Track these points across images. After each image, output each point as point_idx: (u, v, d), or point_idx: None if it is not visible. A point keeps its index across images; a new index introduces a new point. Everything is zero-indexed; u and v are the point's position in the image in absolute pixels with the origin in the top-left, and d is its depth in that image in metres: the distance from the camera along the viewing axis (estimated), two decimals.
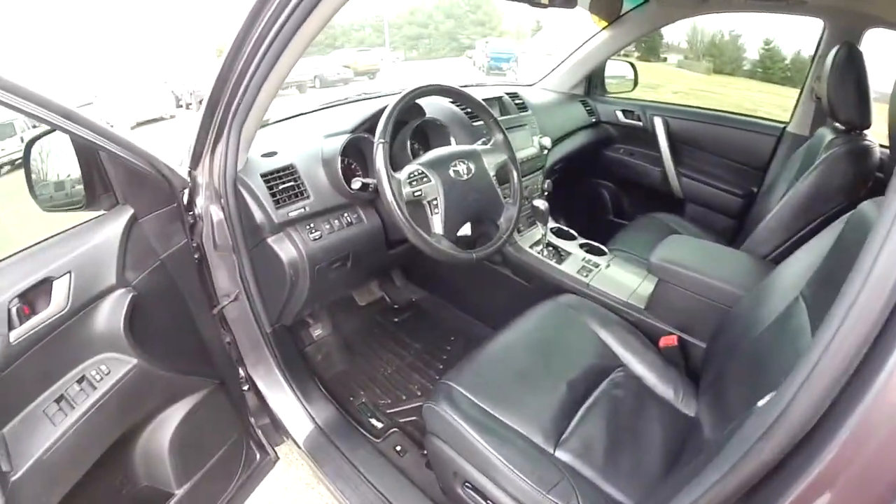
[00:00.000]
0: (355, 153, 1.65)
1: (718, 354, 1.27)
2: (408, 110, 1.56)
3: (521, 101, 2.38)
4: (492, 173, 1.58)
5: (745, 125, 2.50)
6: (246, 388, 1.75)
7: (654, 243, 1.73)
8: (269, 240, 1.48)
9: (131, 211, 1.26)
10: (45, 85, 1.00)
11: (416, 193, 1.39)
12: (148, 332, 1.30)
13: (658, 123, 2.69)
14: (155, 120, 13.31)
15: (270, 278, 1.56)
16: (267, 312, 1.64)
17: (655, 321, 1.64)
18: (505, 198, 1.62)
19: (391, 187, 1.32)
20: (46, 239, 1.17)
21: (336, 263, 1.60)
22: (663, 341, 1.55)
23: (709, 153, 2.63)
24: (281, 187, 1.46)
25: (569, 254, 2.00)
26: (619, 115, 2.86)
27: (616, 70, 2.92)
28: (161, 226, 1.34)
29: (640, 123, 2.78)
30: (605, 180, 3.09)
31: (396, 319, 2.44)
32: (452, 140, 1.79)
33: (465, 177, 1.49)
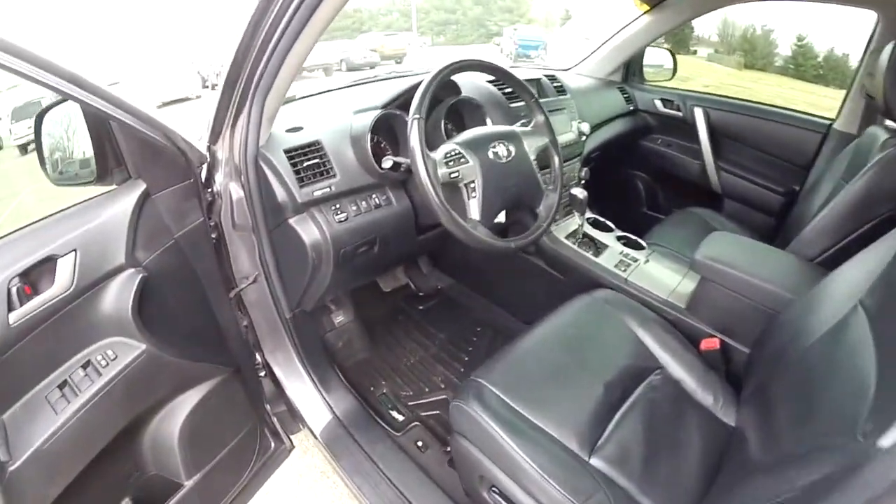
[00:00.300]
0: (386, 131, 1.54)
1: (763, 362, 1.17)
2: (443, 87, 1.43)
3: (559, 84, 2.24)
4: (532, 157, 1.45)
5: (789, 120, 2.33)
6: (262, 374, 1.67)
7: (693, 239, 1.65)
8: (292, 220, 1.38)
9: (143, 186, 1.16)
10: (71, 60, 0.92)
11: (452, 175, 1.26)
12: (159, 315, 1.22)
13: (698, 114, 2.54)
14: (181, 100, 13.20)
15: (291, 261, 1.46)
16: (287, 297, 1.55)
17: (696, 322, 1.52)
18: (545, 184, 1.50)
19: (426, 167, 1.20)
20: (51, 215, 1.09)
21: (362, 248, 1.49)
22: (705, 344, 1.44)
23: (750, 147, 2.48)
24: (305, 164, 1.36)
25: (606, 246, 1.87)
26: (658, 104, 2.71)
27: (653, 58, 2.77)
28: (176, 203, 1.24)
29: (680, 114, 2.63)
30: (640, 171, 2.94)
31: (421, 307, 2.34)
32: (488, 121, 1.66)
33: (505, 159, 1.36)
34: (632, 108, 2.71)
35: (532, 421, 1.14)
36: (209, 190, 1.36)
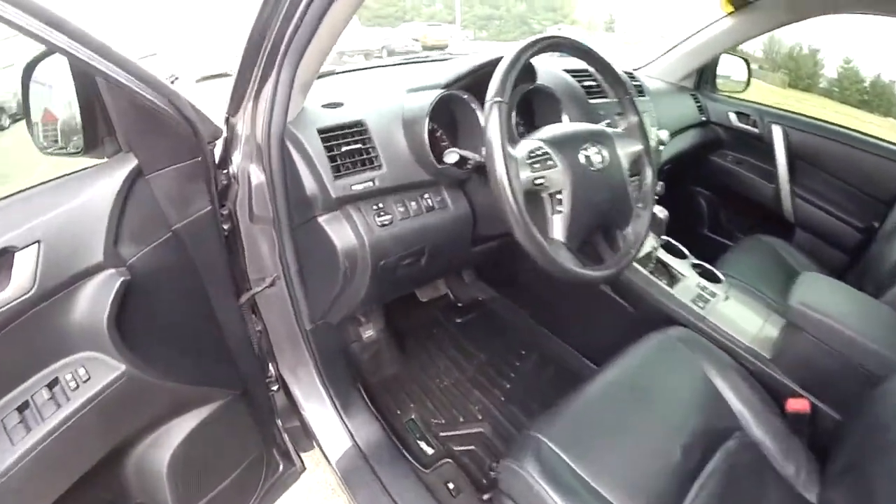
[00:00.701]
0: (443, 117, 1.24)
1: (859, 435, 0.99)
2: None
3: (638, 84, 1.96)
4: (625, 166, 1.15)
5: (876, 149, 2.04)
6: (275, 388, 1.42)
7: (770, 275, 1.59)
8: (321, 218, 1.09)
9: (135, 162, 0.89)
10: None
11: (537, 181, 0.96)
12: (145, 328, 0.97)
13: (777, 133, 2.24)
14: (220, 75, 13.11)
15: (318, 267, 1.19)
16: (309, 306, 1.28)
17: (781, 376, 1.28)
18: (635, 201, 1.20)
19: (507, 168, 0.90)
20: (10, 195, 0.84)
21: (407, 260, 1.20)
22: (792, 404, 1.21)
23: (829, 175, 2.18)
24: (344, 150, 1.07)
25: (682, 276, 1.57)
26: (732, 116, 2.39)
27: (724, 67, 2.47)
28: (178, 185, 0.97)
29: (756, 130, 2.32)
30: (703, 188, 2.64)
31: (459, 320, 2.05)
32: (564, 117, 1.37)
33: (598, 167, 1.07)
34: (704, 118, 2.41)
35: (599, 492, 0.94)
36: (224, 172, 1.10)
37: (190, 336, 1.12)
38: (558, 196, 0.99)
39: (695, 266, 1.61)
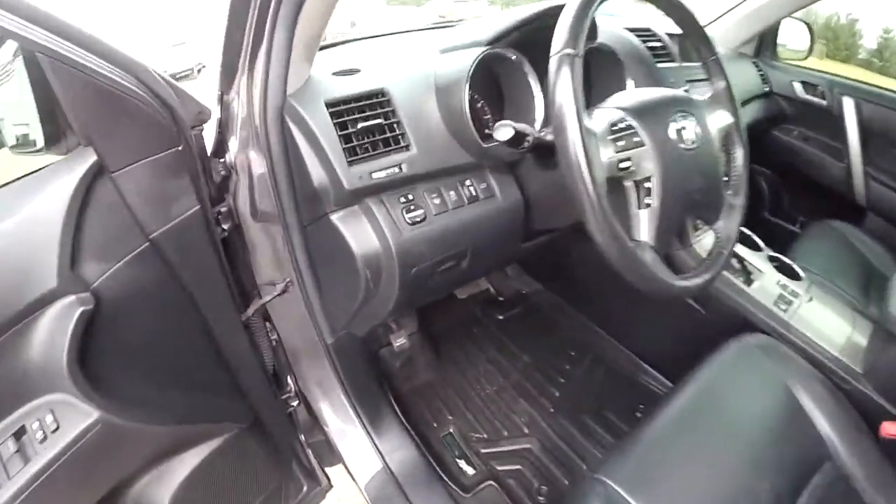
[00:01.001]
0: (484, 83, 1.01)
1: None
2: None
3: None
4: (716, 143, 0.90)
5: None
6: (295, 403, 1.25)
7: (847, 268, 1.50)
8: (334, 216, 0.88)
9: (93, 158, 0.69)
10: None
11: (622, 164, 0.73)
12: (121, 364, 0.78)
13: (848, 106, 1.98)
14: None
15: (335, 274, 0.99)
16: (328, 317, 1.08)
17: (875, 394, 1.10)
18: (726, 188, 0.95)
19: (584, 145, 0.66)
20: None
21: (445, 264, 0.98)
22: (888, 428, 1.05)
23: None
24: (361, 126, 0.85)
25: (759, 273, 1.31)
26: (797, 87, 2.12)
27: (783, 32, 2.20)
28: (154, 183, 0.77)
29: (824, 102, 2.05)
30: (763, 167, 2.37)
31: (501, 317, 1.84)
32: (629, 83, 1.13)
33: (691, 145, 0.81)
34: (767, 89, 2.15)
35: None
36: (221, 161, 0.91)
37: (178, 367, 0.92)
38: (646, 185, 0.75)
39: (771, 259, 1.37)
